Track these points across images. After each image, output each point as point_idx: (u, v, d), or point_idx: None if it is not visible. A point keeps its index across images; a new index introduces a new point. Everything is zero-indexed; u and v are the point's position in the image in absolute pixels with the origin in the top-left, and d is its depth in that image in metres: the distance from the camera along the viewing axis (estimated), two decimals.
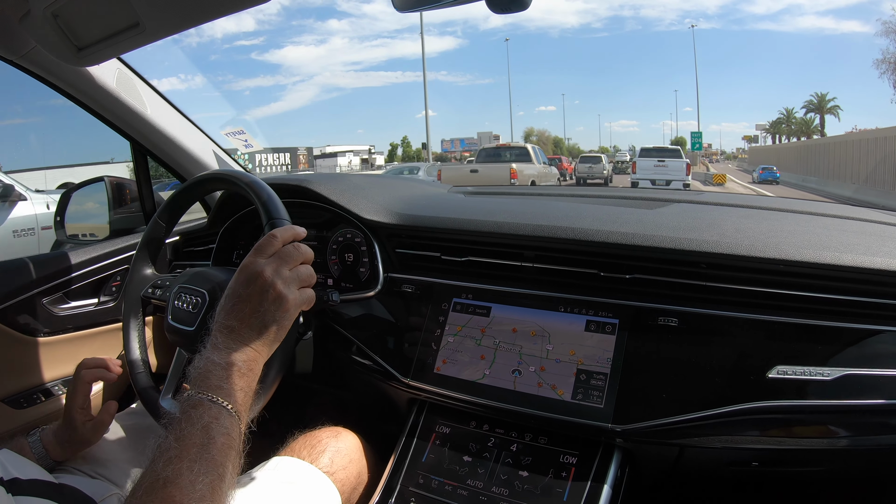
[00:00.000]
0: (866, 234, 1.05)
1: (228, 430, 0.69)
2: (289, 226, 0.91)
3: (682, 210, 1.21)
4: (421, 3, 0.87)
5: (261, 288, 0.78)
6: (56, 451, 1.02)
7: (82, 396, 1.03)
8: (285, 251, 0.83)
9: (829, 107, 57.79)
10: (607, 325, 1.02)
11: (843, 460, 1.00)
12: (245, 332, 0.77)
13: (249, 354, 0.76)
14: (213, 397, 0.70)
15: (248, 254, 0.82)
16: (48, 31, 1.08)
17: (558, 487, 0.97)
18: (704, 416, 0.91)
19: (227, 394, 0.72)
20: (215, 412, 0.69)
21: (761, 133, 72.15)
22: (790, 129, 63.12)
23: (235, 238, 1.48)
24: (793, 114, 63.82)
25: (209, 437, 0.67)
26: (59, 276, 1.44)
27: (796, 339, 0.92)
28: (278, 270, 0.80)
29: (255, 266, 0.80)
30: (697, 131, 43.57)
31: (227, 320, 0.78)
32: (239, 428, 0.72)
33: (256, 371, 0.77)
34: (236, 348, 0.76)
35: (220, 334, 0.77)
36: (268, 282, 0.79)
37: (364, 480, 1.14)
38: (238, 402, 0.72)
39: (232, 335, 0.76)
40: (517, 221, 1.13)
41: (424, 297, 1.19)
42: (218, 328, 0.77)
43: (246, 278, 0.79)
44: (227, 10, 0.97)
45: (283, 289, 0.79)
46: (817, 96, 58.50)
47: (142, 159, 1.64)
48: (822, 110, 57.91)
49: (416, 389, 1.12)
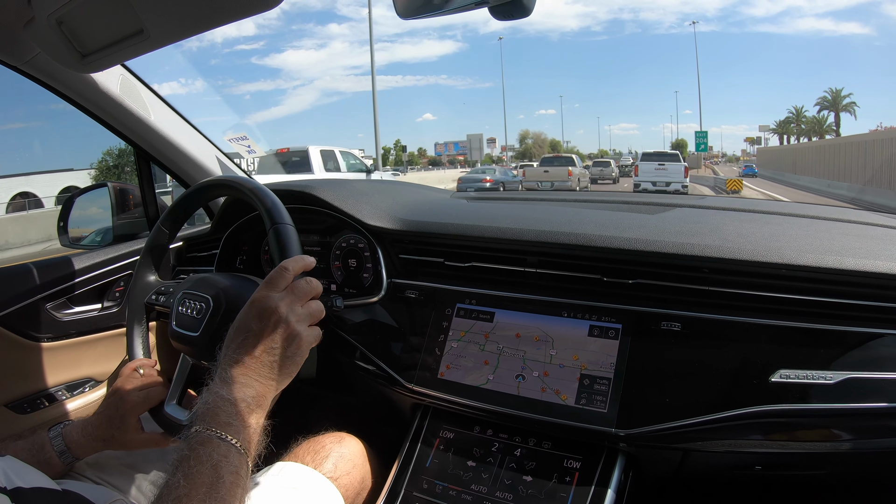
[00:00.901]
0: (868, 237, 1.05)
1: (237, 469, 0.69)
2: (299, 256, 0.90)
3: (685, 215, 1.21)
4: (424, 11, 0.88)
5: (274, 324, 0.78)
6: (82, 448, 0.99)
7: (135, 401, 1.01)
8: (298, 286, 0.83)
9: (844, 104, 55.34)
10: (610, 329, 1.03)
11: (846, 464, 1.00)
12: (256, 368, 0.76)
13: (259, 390, 0.76)
14: (223, 434, 0.70)
15: (260, 287, 0.81)
16: (52, 37, 1.09)
17: (562, 492, 0.97)
18: (708, 420, 0.92)
19: (236, 431, 0.71)
20: (224, 450, 0.69)
21: (765, 134, 70.44)
22: (800, 129, 61.02)
23: (239, 244, 1.49)
24: (802, 112, 61.70)
25: (218, 475, 0.66)
26: (63, 282, 1.44)
27: (799, 343, 0.92)
28: (292, 307, 0.80)
29: (268, 301, 0.79)
30: (702, 131, 41.47)
31: (238, 355, 0.77)
32: (247, 465, 0.71)
33: (265, 407, 0.77)
34: (246, 384, 0.75)
35: (230, 368, 0.76)
36: (282, 318, 0.78)
37: (368, 486, 1.14)
38: (247, 440, 0.72)
39: (242, 370, 0.76)
40: (520, 227, 1.14)
41: (428, 303, 1.19)
42: (227, 362, 0.76)
43: (258, 313, 0.79)
44: (232, 18, 0.97)
45: (297, 326, 0.79)
46: (832, 92, 56.05)
47: (145, 165, 1.65)
48: (838, 107, 55.57)
49: (420, 394, 1.12)
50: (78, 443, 0.99)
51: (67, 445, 0.99)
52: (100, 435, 0.99)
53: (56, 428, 1.00)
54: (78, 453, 0.99)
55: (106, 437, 0.99)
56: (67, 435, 0.99)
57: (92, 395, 1.48)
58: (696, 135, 39.36)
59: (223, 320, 1.00)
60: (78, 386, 1.47)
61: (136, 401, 1.00)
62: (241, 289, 1.05)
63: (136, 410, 1.00)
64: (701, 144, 38.72)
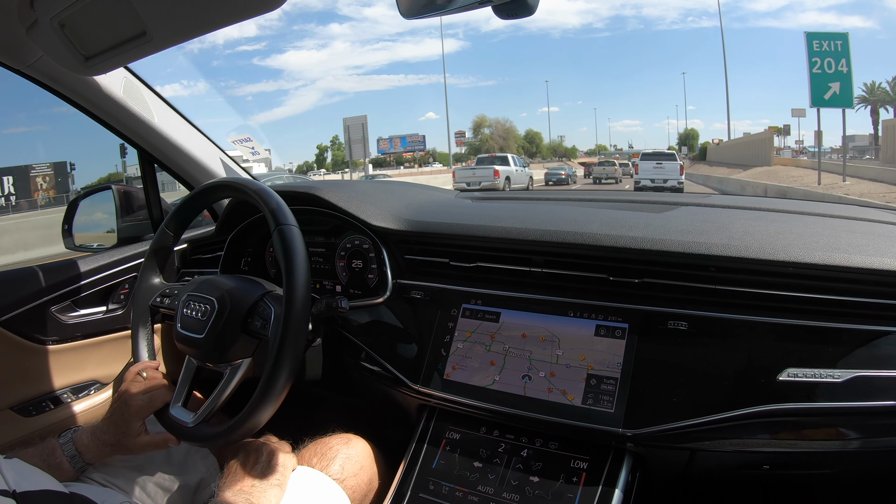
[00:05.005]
0: (875, 234, 1.05)
1: None
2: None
3: (691, 213, 1.20)
4: (427, 10, 0.87)
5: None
6: (91, 453, 1.00)
7: (139, 403, 1.02)
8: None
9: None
10: (617, 329, 1.02)
11: (854, 462, 0.99)
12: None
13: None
14: None
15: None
16: (55, 40, 1.09)
17: (569, 492, 0.97)
18: (715, 419, 0.91)
19: None
20: None
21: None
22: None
23: (243, 245, 1.49)
24: (877, 87, 47.17)
25: None
26: (68, 285, 1.44)
27: (806, 341, 0.92)
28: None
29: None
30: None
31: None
32: None
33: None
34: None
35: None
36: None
37: (375, 487, 1.14)
38: None
39: None
40: (525, 227, 1.13)
41: (433, 304, 1.19)
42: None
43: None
44: (234, 19, 0.97)
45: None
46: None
47: (149, 167, 1.65)
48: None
49: (426, 395, 1.12)
50: (88, 448, 0.99)
51: (78, 450, 0.99)
52: (107, 440, 1.00)
53: (66, 433, 1.01)
54: (88, 458, 1.00)
55: (113, 441, 0.99)
56: (77, 440, 0.99)
57: (97, 398, 1.49)
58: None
59: (228, 322, 1.00)
60: (83, 388, 1.47)
61: (140, 405, 1.00)
62: (246, 290, 1.05)
63: (141, 414, 1.00)
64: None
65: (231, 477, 0.94)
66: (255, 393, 0.92)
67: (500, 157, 24.92)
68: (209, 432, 0.98)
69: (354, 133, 18.02)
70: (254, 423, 0.93)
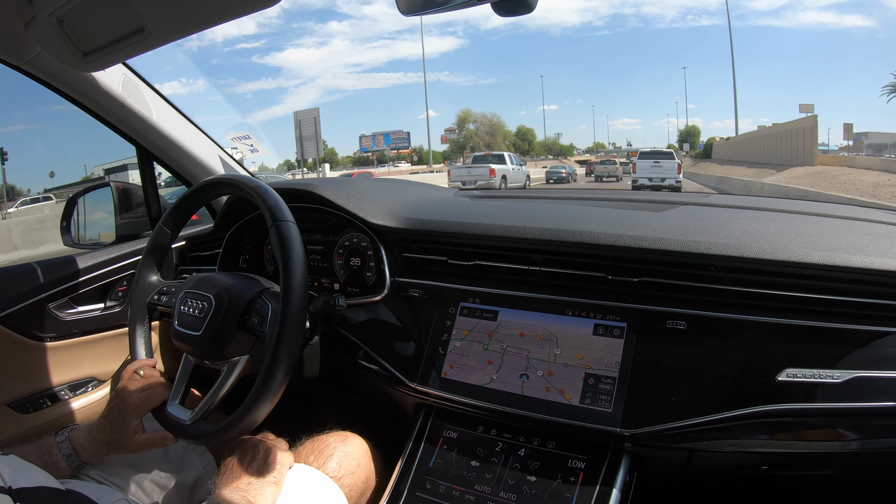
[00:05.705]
0: (874, 234, 1.04)
1: None
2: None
3: (690, 212, 1.20)
4: (426, 7, 0.87)
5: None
6: (88, 452, 0.99)
7: (136, 402, 1.01)
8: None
9: None
10: (615, 328, 1.02)
11: (853, 463, 0.99)
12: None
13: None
14: None
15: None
16: (53, 36, 1.09)
17: (567, 492, 0.97)
18: (714, 419, 0.91)
19: None
20: None
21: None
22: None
23: (242, 243, 1.49)
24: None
25: None
26: (66, 282, 1.44)
27: (805, 341, 0.91)
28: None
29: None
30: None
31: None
32: None
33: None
34: None
35: None
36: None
37: (371, 485, 1.14)
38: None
39: None
40: (524, 225, 1.13)
41: (431, 302, 1.19)
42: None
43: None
44: (232, 15, 0.97)
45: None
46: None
47: (148, 164, 1.65)
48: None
49: (424, 394, 1.11)
50: (84, 447, 0.99)
51: (74, 449, 0.99)
52: (104, 439, 0.99)
53: (63, 432, 1.00)
54: (85, 457, 0.99)
55: (110, 440, 0.99)
56: (74, 439, 0.99)
57: (94, 395, 1.48)
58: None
59: (225, 319, 1.00)
60: (80, 386, 1.47)
61: (137, 403, 1.00)
62: (244, 287, 1.05)
63: (138, 412, 1.00)
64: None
65: (228, 474, 0.94)
66: (252, 390, 0.92)
67: (496, 155, 24.59)
68: (206, 430, 0.98)
69: (306, 128, 16.19)
70: (251, 420, 0.93)
